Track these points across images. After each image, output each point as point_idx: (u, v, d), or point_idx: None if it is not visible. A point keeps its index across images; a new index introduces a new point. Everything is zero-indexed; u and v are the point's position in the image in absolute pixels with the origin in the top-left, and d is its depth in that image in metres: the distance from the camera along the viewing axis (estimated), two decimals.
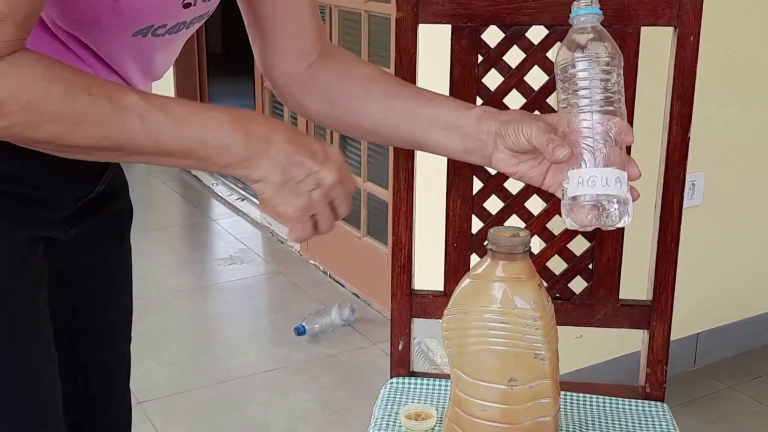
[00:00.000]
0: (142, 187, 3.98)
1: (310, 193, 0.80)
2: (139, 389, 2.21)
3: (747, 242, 2.37)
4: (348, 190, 0.83)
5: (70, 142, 0.73)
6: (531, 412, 0.89)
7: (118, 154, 0.76)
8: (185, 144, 0.76)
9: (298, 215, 0.81)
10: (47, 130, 0.72)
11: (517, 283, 0.88)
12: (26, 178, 0.85)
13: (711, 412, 2.19)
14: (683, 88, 1.09)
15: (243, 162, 0.78)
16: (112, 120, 0.73)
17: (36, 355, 0.88)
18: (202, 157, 0.77)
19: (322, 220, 0.83)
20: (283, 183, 0.79)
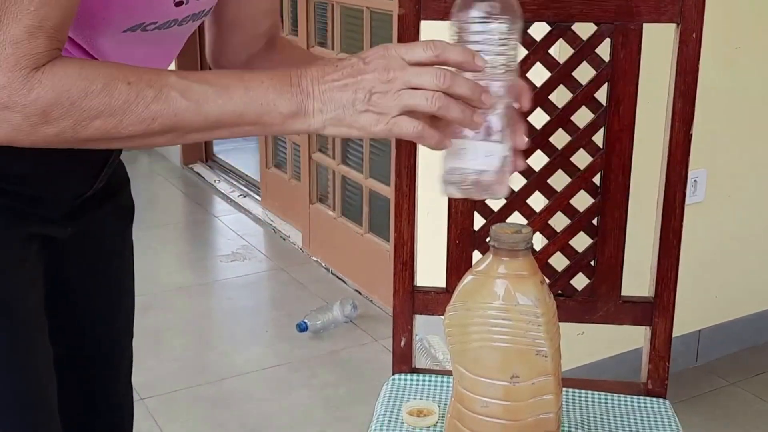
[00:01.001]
0: (145, 183, 3.99)
1: (370, 102, 0.74)
2: (142, 386, 2.21)
3: (749, 239, 2.37)
4: (409, 69, 0.74)
5: (122, 133, 0.73)
6: (533, 408, 0.89)
7: (172, 135, 0.75)
8: (232, 110, 0.75)
9: (381, 125, 0.74)
10: (97, 126, 0.72)
11: (520, 279, 0.88)
12: (23, 177, 0.85)
13: (713, 408, 2.19)
14: (685, 84, 1.09)
15: (296, 114, 0.75)
16: (155, 102, 0.73)
17: (31, 350, 0.88)
18: (253, 121, 0.75)
19: (412, 103, 0.73)
20: (343, 113, 0.75)
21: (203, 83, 0.75)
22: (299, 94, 0.75)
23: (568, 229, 1.17)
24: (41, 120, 0.71)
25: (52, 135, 0.72)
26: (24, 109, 0.70)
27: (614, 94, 1.11)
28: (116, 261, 1.06)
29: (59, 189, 0.90)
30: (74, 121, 0.72)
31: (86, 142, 0.74)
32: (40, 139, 0.72)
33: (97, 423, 1.07)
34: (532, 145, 1.15)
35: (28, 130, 0.71)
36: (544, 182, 1.16)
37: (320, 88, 0.76)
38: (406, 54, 0.75)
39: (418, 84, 0.74)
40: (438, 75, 0.74)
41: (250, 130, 0.77)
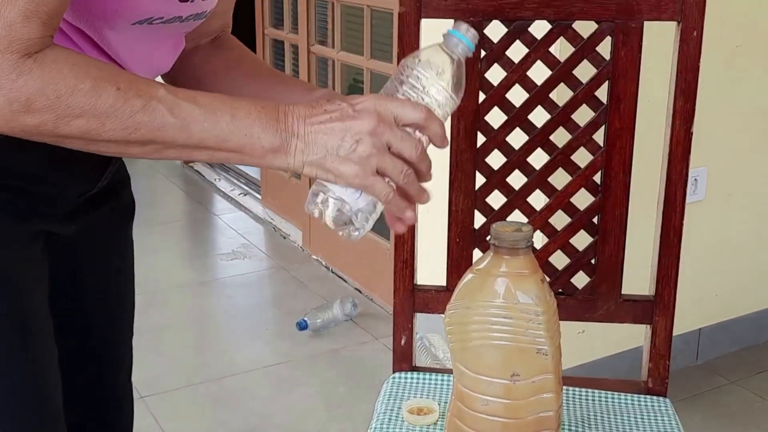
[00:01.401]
0: (145, 182, 3.98)
1: (355, 154, 0.75)
2: (142, 383, 2.21)
3: (750, 238, 2.37)
4: (397, 131, 0.76)
5: (102, 137, 0.73)
6: (533, 406, 0.89)
7: (151, 148, 0.75)
8: (216, 134, 0.75)
9: (359, 180, 0.75)
10: (78, 125, 0.72)
11: (520, 278, 0.88)
12: (28, 173, 0.85)
13: (713, 407, 2.19)
14: (686, 83, 1.09)
15: (277, 150, 0.76)
16: (141, 113, 0.73)
17: (37, 348, 0.89)
18: (235, 149, 0.76)
19: (389, 172, 0.76)
20: (324, 157, 0.76)
21: (191, 102, 0.75)
22: (284, 132, 0.76)
23: (569, 227, 1.17)
24: (23, 108, 0.70)
25: (32, 126, 0.71)
26: (8, 94, 0.69)
27: (615, 92, 1.11)
28: (118, 259, 1.06)
29: (64, 186, 0.90)
30: (56, 115, 0.71)
31: (63, 139, 0.74)
32: (18, 127, 0.71)
33: (97, 421, 1.07)
34: (532, 143, 1.15)
35: (8, 116, 0.71)
36: (545, 180, 1.16)
37: (306, 128, 0.76)
38: (396, 110, 0.77)
39: (399, 149, 0.76)
40: (417, 147, 0.76)
41: (229, 156, 0.77)
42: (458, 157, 1.15)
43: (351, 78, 3.05)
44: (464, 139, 1.15)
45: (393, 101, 0.77)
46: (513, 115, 1.14)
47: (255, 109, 0.76)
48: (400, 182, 0.76)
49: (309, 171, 0.77)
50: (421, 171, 0.78)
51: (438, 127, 0.78)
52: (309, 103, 0.78)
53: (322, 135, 0.76)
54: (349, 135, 0.75)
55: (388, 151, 0.76)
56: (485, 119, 1.15)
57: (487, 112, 1.15)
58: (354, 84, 3.04)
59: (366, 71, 2.85)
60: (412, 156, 0.76)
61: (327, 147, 0.75)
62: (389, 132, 0.76)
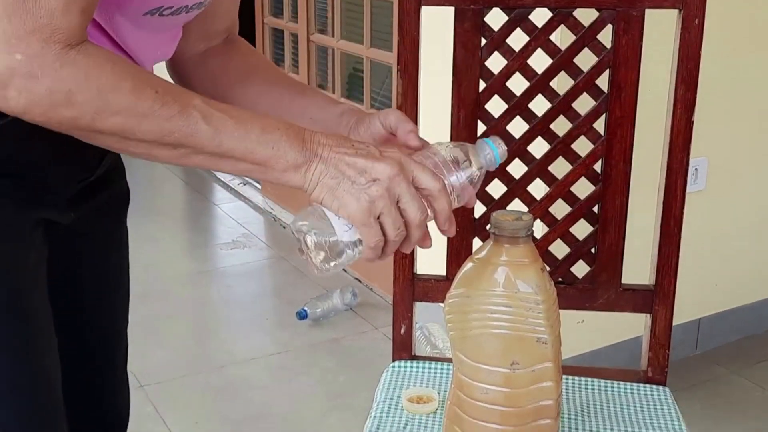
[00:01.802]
0: (145, 171, 3.98)
1: (368, 192, 0.77)
2: (142, 373, 2.22)
3: (750, 228, 2.36)
4: (411, 189, 0.78)
5: (135, 136, 0.74)
6: (533, 395, 0.89)
7: (179, 153, 0.76)
8: (245, 145, 0.76)
9: (360, 216, 0.77)
10: (114, 122, 0.72)
11: (520, 267, 0.87)
12: (29, 161, 0.85)
13: (713, 396, 2.20)
14: (687, 71, 1.08)
15: (299, 167, 0.78)
16: (177, 117, 0.74)
17: (38, 338, 0.89)
18: (261, 161, 0.77)
19: (387, 222, 0.78)
20: (338, 184, 0.78)
21: (224, 113, 0.76)
22: (309, 151, 0.78)
23: (569, 216, 1.17)
24: (64, 100, 0.70)
25: (69, 118, 0.71)
26: (51, 84, 0.69)
27: (616, 80, 1.11)
28: (115, 248, 1.06)
29: (64, 173, 0.90)
30: (95, 110, 0.71)
31: (96, 134, 0.74)
32: (55, 118, 0.71)
33: (94, 411, 1.07)
34: (532, 131, 1.15)
35: (47, 107, 0.70)
36: (545, 169, 1.16)
37: (331, 154, 0.78)
38: (417, 172, 0.79)
39: (406, 206, 0.78)
40: (422, 212, 0.79)
41: (251, 169, 0.78)
42: None
43: (351, 67, 3.05)
44: (464, 128, 1.14)
45: (417, 163, 0.80)
46: (513, 104, 1.14)
47: (283, 126, 0.79)
48: (391, 237, 0.79)
49: (318, 193, 0.79)
50: (411, 237, 0.80)
51: (446, 205, 0.80)
52: (337, 135, 0.81)
53: (344, 165, 0.78)
54: (368, 173, 0.78)
55: (396, 204, 0.78)
56: (485, 108, 1.15)
57: (487, 100, 1.14)
58: (354, 73, 3.03)
59: (366, 60, 2.84)
60: (415, 218, 0.79)
61: (344, 176, 0.78)
62: (405, 186, 0.78)
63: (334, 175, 0.78)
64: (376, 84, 2.87)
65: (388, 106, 2.77)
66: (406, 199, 0.78)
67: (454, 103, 1.14)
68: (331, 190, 0.78)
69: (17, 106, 0.70)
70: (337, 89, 3.06)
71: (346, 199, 0.77)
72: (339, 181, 0.78)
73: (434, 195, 0.80)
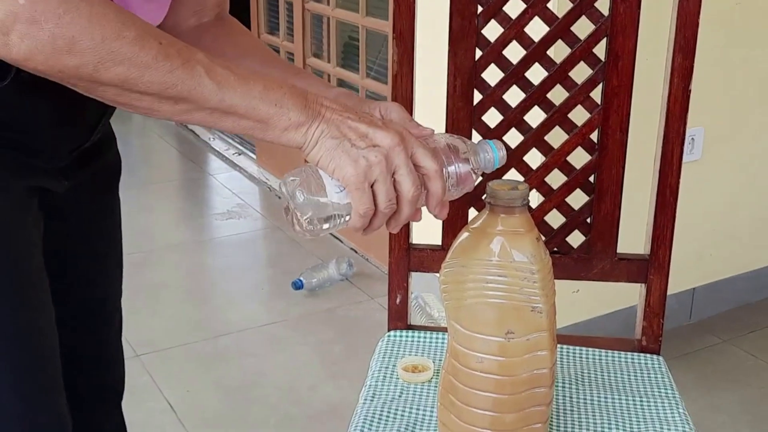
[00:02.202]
0: (140, 141, 3.96)
1: (366, 156, 0.76)
2: (138, 342, 2.22)
3: (745, 198, 2.37)
4: (409, 163, 0.77)
5: (137, 88, 0.72)
6: (528, 364, 0.90)
7: (181, 108, 0.75)
8: (248, 101, 0.75)
9: (355, 179, 0.76)
10: (117, 72, 0.71)
11: (516, 236, 0.87)
12: (24, 128, 0.84)
13: (706, 365, 2.22)
14: (685, 39, 1.07)
15: (301, 125, 0.77)
16: (180, 69, 0.73)
17: (36, 304, 0.89)
18: (263, 118, 0.76)
19: (381, 191, 0.77)
20: (337, 145, 0.77)
21: (226, 69, 0.76)
22: (312, 111, 0.77)
23: (565, 186, 1.16)
24: (67, 46, 0.69)
25: (71, 67, 0.70)
26: (54, 29, 0.68)
27: (613, 49, 1.10)
28: (107, 217, 1.06)
29: (59, 140, 0.90)
30: (98, 59, 0.70)
31: (98, 85, 0.72)
32: (57, 66, 0.70)
33: (90, 379, 1.08)
34: (529, 100, 1.14)
35: (49, 53, 0.69)
36: (541, 139, 1.15)
37: (332, 116, 0.78)
38: (417, 148, 0.79)
39: (401, 179, 0.78)
40: (416, 188, 0.78)
41: (252, 127, 0.77)
42: (454, 115, 1.14)
43: (346, 35, 3.02)
44: (460, 97, 1.14)
45: (418, 142, 0.79)
46: (510, 73, 1.13)
47: (286, 85, 0.78)
48: (381, 207, 0.78)
49: (316, 152, 0.77)
50: (400, 212, 0.79)
51: (441, 187, 0.80)
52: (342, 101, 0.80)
53: (346, 127, 0.77)
54: (369, 138, 0.77)
55: (392, 175, 0.77)
56: (482, 76, 1.14)
57: (483, 69, 1.13)
58: (349, 42, 3.01)
59: (362, 29, 2.82)
60: (408, 192, 0.78)
61: (345, 137, 0.77)
62: (403, 158, 0.77)
63: (335, 135, 0.77)
64: (372, 53, 2.85)
65: (384, 76, 2.75)
66: (402, 171, 0.77)
67: (450, 71, 1.13)
68: (329, 150, 0.77)
69: (19, 53, 0.69)
70: (332, 58, 3.04)
71: (344, 160, 0.76)
72: (339, 141, 0.77)
73: (431, 175, 0.79)
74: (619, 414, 1.06)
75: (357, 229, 0.79)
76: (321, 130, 0.77)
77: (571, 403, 1.08)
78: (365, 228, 0.79)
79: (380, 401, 1.08)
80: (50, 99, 0.74)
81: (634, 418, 1.06)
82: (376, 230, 0.80)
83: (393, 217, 0.80)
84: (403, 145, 0.78)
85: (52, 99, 0.74)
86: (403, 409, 1.07)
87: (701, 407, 2.03)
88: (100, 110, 0.92)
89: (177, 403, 2.05)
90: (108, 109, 0.94)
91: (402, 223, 0.80)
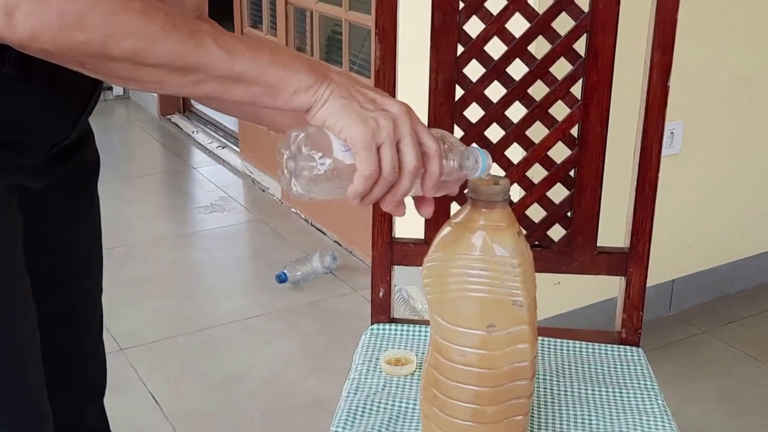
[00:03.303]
0: (122, 134, 3.94)
1: (376, 117, 0.75)
2: (121, 336, 2.21)
3: (723, 190, 2.39)
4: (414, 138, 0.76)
5: (148, 60, 0.71)
6: (509, 357, 0.91)
7: (191, 79, 0.74)
8: (257, 66, 0.75)
9: (363, 139, 0.74)
10: (127, 45, 0.70)
11: (497, 230, 0.88)
12: (4, 125, 0.84)
13: (685, 356, 2.24)
14: (664, 35, 1.09)
15: (309, 87, 0.76)
16: (188, 39, 0.72)
17: (18, 305, 0.88)
18: (273, 83, 0.75)
19: (386, 156, 0.75)
20: (346, 104, 0.76)
21: (232, 37, 0.75)
22: (319, 74, 0.77)
23: (546, 180, 1.18)
24: (75, 22, 0.68)
25: (80, 43, 0.69)
26: (60, 5, 0.67)
27: (593, 45, 1.11)
28: (86, 214, 1.06)
29: (39, 136, 0.89)
30: (107, 33, 0.69)
31: (108, 62, 0.71)
32: (65, 44, 0.69)
33: (70, 375, 1.08)
34: (510, 96, 1.15)
35: (57, 31, 0.68)
36: (522, 134, 1.17)
37: (341, 79, 0.77)
38: (419, 125, 0.78)
39: (403, 149, 0.76)
40: (417, 162, 0.77)
41: (262, 93, 0.76)
42: (436, 110, 1.15)
43: (329, 30, 3.02)
44: (442, 92, 1.15)
45: (420, 123, 0.79)
46: (491, 68, 1.14)
47: (291, 51, 0.78)
48: (385, 172, 0.76)
49: (324, 111, 0.76)
50: (400, 185, 0.77)
51: (438, 168, 0.79)
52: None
53: (355, 91, 0.77)
54: (377, 103, 0.77)
55: (396, 144, 0.76)
56: (463, 72, 1.15)
57: (465, 65, 1.14)
58: (332, 36, 3.01)
59: (345, 23, 2.82)
60: (411, 163, 0.76)
61: (354, 99, 0.76)
62: (409, 129, 0.77)
63: (344, 95, 0.76)
64: (355, 47, 2.85)
65: (367, 70, 2.76)
66: (407, 141, 0.76)
67: (432, 67, 1.14)
68: (338, 109, 0.76)
69: (25, 33, 0.68)
70: (315, 52, 3.04)
71: (353, 119, 0.75)
72: (348, 102, 0.76)
73: (431, 153, 0.78)
74: (599, 405, 1.08)
75: (356, 196, 0.77)
76: (330, 90, 0.76)
77: (552, 395, 1.10)
78: (364, 197, 0.77)
79: (363, 394, 1.09)
80: (32, 96, 0.73)
81: (614, 410, 1.07)
82: (372, 202, 0.78)
83: (390, 190, 0.78)
84: (409, 116, 0.77)
85: (33, 96, 0.74)
86: (386, 402, 1.08)
87: (680, 397, 2.05)
88: (81, 107, 0.92)
89: (161, 396, 2.05)
90: (88, 106, 0.94)
91: (398, 198, 0.79)
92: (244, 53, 0.74)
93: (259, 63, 0.75)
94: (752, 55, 2.28)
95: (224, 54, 0.73)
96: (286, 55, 0.77)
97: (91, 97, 0.93)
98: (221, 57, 0.73)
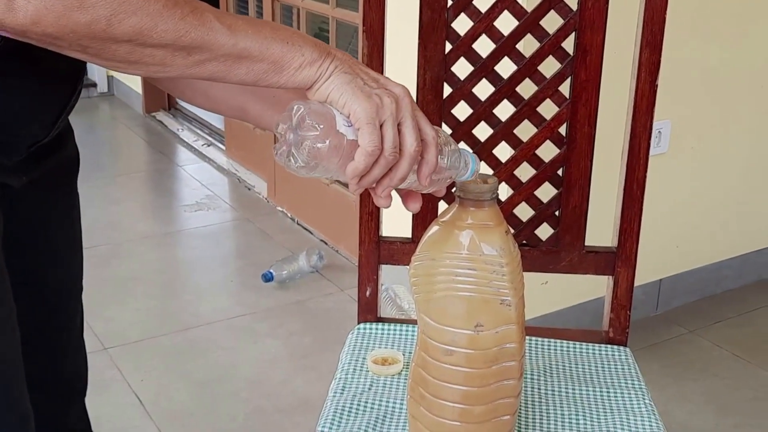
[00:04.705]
0: (106, 132, 3.91)
1: (379, 94, 0.75)
2: (106, 335, 2.19)
3: (711, 190, 2.40)
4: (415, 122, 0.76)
5: (152, 39, 0.70)
6: (496, 356, 0.90)
7: (194, 59, 0.73)
8: (260, 41, 0.74)
9: (367, 114, 0.73)
10: (131, 24, 0.69)
11: (485, 229, 0.88)
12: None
13: (672, 355, 2.25)
14: (652, 34, 1.08)
15: (314, 62, 0.75)
16: (192, 16, 0.71)
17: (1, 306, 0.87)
18: (277, 58, 0.75)
19: (388, 134, 0.74)
20: (351, 80, 0.75)
21: (232, 15, 0.74)
22: (322, 50, 0.76)
23: (534, 179, 1.17)
24: (78, 2, 0.66)
25: (83, 24, 0.67)
26: None
27: (581, 43, 1.11)
28: (66, 211, 1.04)
29: (19, 134, 0.88)
30: (110, 12, 0.67)
31: (111, 44, 0.70)
32: (68, 25, 0.67)
33: (51, 375, 1.06)
34: (498, 94, 1.15)
35: (60, 12, 0.66)
36: (510, 132, 1.16)
37: (344, 56, 0.77)
38: (418, 113, 0.78)
39: (404, 131, 0.76)
40: (417, 145, 0.77)
41: (266, 70, 0.75)
42: (424, 108, 1.14)
43: (316, 27, 3.01)
44: (430, 90, 1.14)
45: (420, 112, 0.79)
46: (479, 66, 1.14)
47: (292, 29, 0.77)
48: (387, 150, 0.75)
49: (327, 86, 0.75)
50: (399, 167, 0.77)
51: (434, 156, 0.79)
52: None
53: (358, 68, 0.77)
54: (380, 83, 0.77)
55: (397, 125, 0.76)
56: (452, 70, 1.14)
57: (453, 62, 1.14)
58: (319, 33, 3.00)
59: (332, 20, 2.81)
60: (411, 146, 0.76)
61: (358, 76, 0.76)
62: (410, 111, 0.77)
63: (347, 71, 0.76)
64: (342, 44, 2.84)
65: None
66: (408, 123, 0.76)
67: (420, 64, 1.13)
68: (342, 84, 0.75)
69: (26, 16, 0.66)
70: None
71: (357, 94, 0.74)
72: (352, 77, 0.75)
73: (428, 141, 0.78)
74: (587, 405, 1.08)
75: (356, 174, 0.76)
76: (335, 65, 0.76)
77: (540, 395, 1.09)
78: (362, 177, 0.76)
79: (350, 394, 1.08)
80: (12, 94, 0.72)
81: (601, 409, 1.07)
82: (370, 184, 0.77)
83: (388, 173, 0.77)
84: (410, 99, 0.77)
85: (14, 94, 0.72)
86: (373, 401, 1.07)
87: (668, 397, 2.06)
88: (61, 105, 0.91)
89: (145, 396, 2.03)
90: (69, 104, 0.92)
91: (395, 183, 0.78)
92: (247, 29, 0.74)
93: (262, 39, 0.74)
94: (740, 56, 2.28)
95: (227, 30, 0.73)
96: (287, 31, 0.76)
97: (71, 95, 0.92)
98: (225, 33, 0.73)
